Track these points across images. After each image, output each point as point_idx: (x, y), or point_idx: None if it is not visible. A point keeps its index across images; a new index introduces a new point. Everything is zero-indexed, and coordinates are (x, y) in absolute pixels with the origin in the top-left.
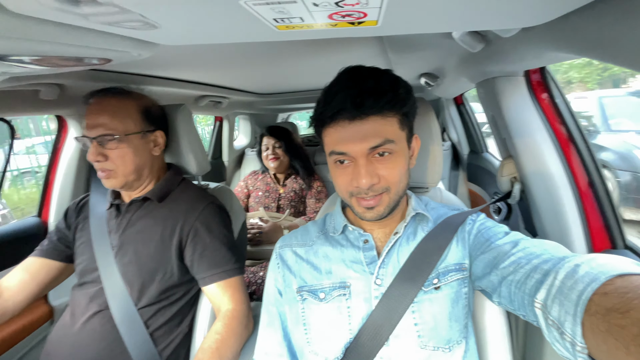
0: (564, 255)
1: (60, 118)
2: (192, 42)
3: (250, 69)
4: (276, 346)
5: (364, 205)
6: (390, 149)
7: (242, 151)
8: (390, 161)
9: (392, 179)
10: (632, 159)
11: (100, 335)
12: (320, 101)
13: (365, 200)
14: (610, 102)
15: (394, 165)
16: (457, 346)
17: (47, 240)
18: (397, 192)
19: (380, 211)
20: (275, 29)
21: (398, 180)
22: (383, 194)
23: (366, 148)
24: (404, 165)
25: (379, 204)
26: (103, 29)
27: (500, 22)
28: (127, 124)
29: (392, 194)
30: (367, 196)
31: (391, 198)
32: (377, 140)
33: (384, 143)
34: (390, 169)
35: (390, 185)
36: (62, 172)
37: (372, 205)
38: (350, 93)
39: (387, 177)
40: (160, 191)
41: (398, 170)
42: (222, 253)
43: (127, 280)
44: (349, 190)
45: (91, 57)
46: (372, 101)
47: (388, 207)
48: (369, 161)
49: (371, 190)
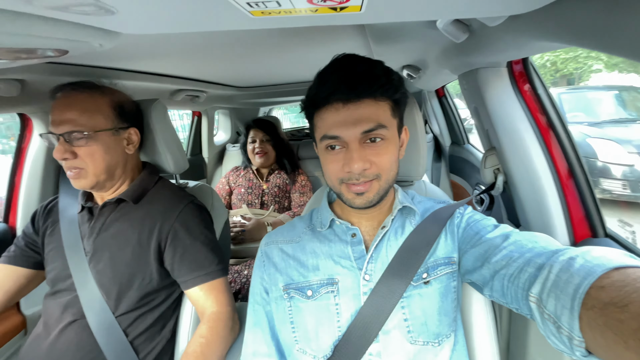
0: (556, 248)
1: (24, 116)
2: (157, 30)
3: (228, 61)
4: (263, 346)
5: (354, 190)
6: (383, 134)
7: (222, 147)
8: (382, 147)
9: (383, 165)
10: (586, 146)
11: (77, 345)
12: (314, 84)
13: (356, 186)
14: (568, 98)
15: (385, 151)
16: (446, 340)
17: (14, 247)
18: (387, 179)
19: (369, 197)
20: (249, 14)
21: (389, 167)
22: (373, 180)
23: (359, 132)
24: (394, 152)
25: (368, 190)
26: (52, 16)
27: (487, 9)
28: (97, 119)
29: (382, 182)
30: (358, 182)
31: (381, 186)
32: (370, 124)
33: (376, 128)
34: (382, 155)
35: (381, 172)
36: (27, 173)
37: (362, 191)
38: (345, 75)
39: (378, 163)
40: (135, 192)
41: (389, 157)
42: (203, 254)
43: (103, 287)
44: (340, 177)
45: (44, 49)
46: (366, 84)
47: (377, 195)
48: (361, 146)
49: (362, 176)
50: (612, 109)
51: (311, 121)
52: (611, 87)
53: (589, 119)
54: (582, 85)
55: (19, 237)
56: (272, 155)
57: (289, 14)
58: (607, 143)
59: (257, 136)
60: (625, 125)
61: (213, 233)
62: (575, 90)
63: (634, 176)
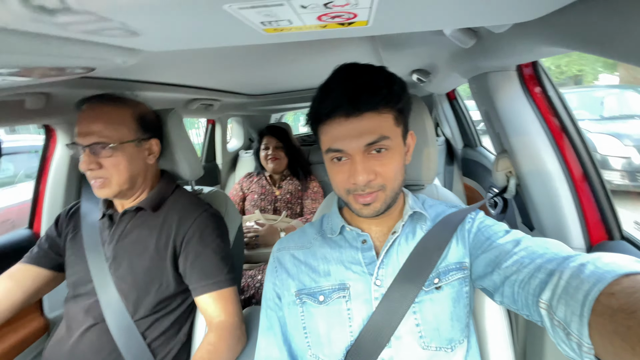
0: (567, 255)
1: (48, 127)
2: (176, 47)
3: (240, 71)
4: (276, 351)
5: (360, 202)
6: (386, 145)
7: (235, 153)
8: (386, 157)
9: (388, 175)
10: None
11: (97, 347)
12: (316, 98)
13: (362, 197)
14: (571, 97)
15: (389, 161)
16: (459, 346)
17: (37, 248)
18: (392, 188)
19: (376, 207)
20: (262, 32)
21: (393, 177)
22: (379, 191)
23: (362, 145)
24: (399, 161)
25: (375, 200)
26: (83, 38)
27: (492, 19)
28: (122, 131)
29: (388, 191)
30: (364, 193)
31: (387, 195)
32: (373, 136)
33: (379, 139)
34: (386, 165)
35: (386, 182)
36: (51, 182)
37: (369, 202)
38: (346, 90)
39: (383, 173)
40: (153, 200)
41: (394, 166)
42: (214, 263)
43: (122, 292)
44: (346, 188)
45: (74, 67)
46: (367, 97)
47: (384, 204)
48: (365, 158)
49: (368, 187)
50: (614, 106)
51: (316, 134)
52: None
53: (591, 117)
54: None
55: (41, 238)
56: (284, 162)
57: (299, 30)
58: (606, 138)
59: (270, 143)
60: (623, 121)
61: (226, 242)
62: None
63: (631, 167)
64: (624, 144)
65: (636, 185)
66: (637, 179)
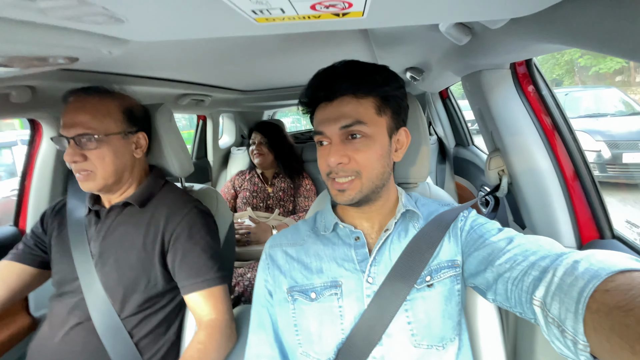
0: (561, 252)
1: (34, 121)
2: (165, 37)
3: (232, 66)
4: (267, 348)
5: (336, 187)
6: (362, 131)
7: (227, 150)
8: (362, 144)
9: (363, 162)
10: None
11: (82, 347)
12: (305, 87)
13: (338, 183)
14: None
15: (366, 148)
16: (451, 343)
17: (22, 245)
18: (369, 178)
19: (351, 195)
20: (254, 21)
21: (369, 165)
22: (355, 179)
23: (338, 127)
24: (378, 151)
25: (350, 188)
26: (65, 25)
27: (488, 13)
28: (108, 123)
29: (364, 180)
30: (339, 177)
31: (363, 184)
32: (348, 120)
33: (354, 124)
34: (362, 152)
35: (361, 169)
36: (37, 177)
37: (344, 189)
38: (326, 76)
39: (357, 159)
40: (141, 196)
41: (370, 154)
42: (202, 261)
43: (109, 290)
44: (326, 171)
45: (56, 56)
46: (342, 81)
47: (360, 193)
48: (342, 142)
49: (342, 170)
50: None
51: (312, 122)
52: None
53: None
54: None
55: (27, 235)
56: (269, 157)
57: (292, 20)
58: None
59: (256, 138)
60: (595, 118)
61: (215, 240)
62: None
63: (600, 160)
64: (595, 140)
65: (605, 176)
66: (606, 170)
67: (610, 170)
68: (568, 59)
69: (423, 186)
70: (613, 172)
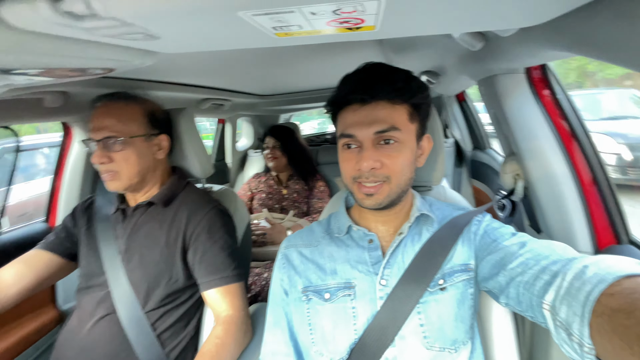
0: (572, 257)
1: (65, 125)
2: (192, 49)
3: (251, 72)
4: (283, 346)
5: (364, 191)
6: (396, 137)
7: (245, 153)
8: (395, 150)
9: (394, 167)
10: None
11: (108, 338)
12: (338, 87)
13: (366, 187)
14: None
15: (398, 154)
16: (463, 347)
17: (54, 235)
18: (398, 183)
19: (379, 200)
20: (274, 36)
21: (400, 171)
22: (384, 183)
23: (372, 132)
24: (408, 157)
25: (378, 192)
26: (106, 41)
27: (497, 23)
28: (132, 126)
29: (393, 185)
30: (368, 181)
31: (391, 189)
32: (384, 125)
33: (389, 129)
34: (394, 157)
35: (391, 175)
36: (68, 177)
37: (372, 193)
38: (364, 78)
39: (389, 165)
40: (165, 195)
41: (401, 160)
42: (221, 259)
43: (134, 284)
44: (352, 175)
45: (94, 68)
46: (381, 86)
47: (388, 198)
48: (374, 147)
49: (372, 175)
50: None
51: (335, 122)
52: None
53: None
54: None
55: (58, 227)
56: (282, 161)
57: (309, 34)
58: (601, 137)
59: (270, 142)
60: (617, 120)
61: (233, 239)
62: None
63: (621, 163)
64: (616, 142)
65: (626, 179)
66: (627, 172)
67: (631, 172)
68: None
69: (438, 189)
70: (634, 174)
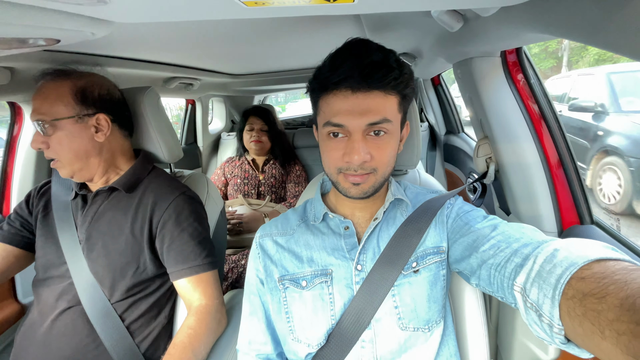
0: (543, 240)
1: (14, 105)
2: (149, 19)
3: (222, 49)
4: (260, 334)
5: (350, 180)
6: (387, 128)
7: (217, 136)
8: (384, 141)
9: (382, 159)
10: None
11: (73, 331)
12: (325, 66)
13: (353, 177)
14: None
15: (387, 146)
16: (436, 326)
17: (6, 225)
18: (383, 174)
19: (364, 189)
20: (242, 4)
21: (387, 162)
22: (370, 174)
23: (364, 123)
24: (395, 147)
25: (364, 182)
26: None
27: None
28: (58, 107)
29: (379, 176)
30: (356, 173)
31: (377, 179)
32: (377, 117)
33: (382, 121)
34: (383, 149)
35: (378, 167)
36: (21, 163)
37: (359, 182)
38: (359, 63)
39: (378, 157)
40: (128, 181)
41: (389, 151)
42: (190, 247)
43: (97, 275)
44: (338, 166)
45: (36, 38)
46: (380, 75)
47: (373, 187)
48: (364, 138)
49: (361, 167)
50: None
51: (316, 104)
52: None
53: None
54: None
55: (11, 215)
56: (267, 145)
57: (282, 4)
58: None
59: (256, 124)
60: None
61: (204, 226)
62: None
63: None
64: None
65: None
66: None
67: None
68: None
69: (413, 173)
70: None
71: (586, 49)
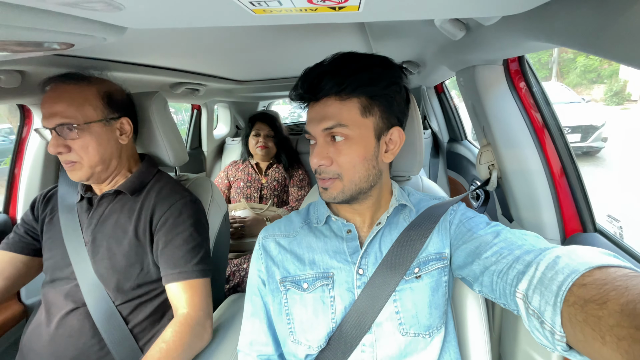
0: (545, 247)
1: (24, 107)
2: (162, 25)
3: (228, 55)
4: (261, 336)
5: (320, 185)
6: (344, 133)
7: (222, 140)
8: (343, 146)
9: (344, 165)
10: None
11: (79, 332)
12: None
13: (322, 181)
14: None
15: (347, 151)
16: (437, 332)
17: (13, 234)
18: (351, 180)
19: (332, 194)
20: (251, 12)
21: (350, 168)
22: (336, 179)
23: (320, 129)
24: (360, 153)
25: (331, 187)
26: (62, 11)
27: (481, 10)
28: (87, 111)
29: (345, 182)
30: (321, 176)
31: (344, 185)
32: (329, 122)
33: (334, 126)
34: (343, 154)
35: (342, 172)
36: (28, 164)
37: (326, 187)
38: (311, 76)
39: (338, 161)
40: (133, 184)
41: (352, 157)
42: (181, 252)
43: (102, 277)
44: (314, 169)
45: (51, 42)
46: (326, 82)
47: (342, 194)
48: (326, 143)
49: (323, 172)
50: None
51: None
52: None
53: None
54: None
55: (18, 224)
56: (272, 151)
57: (289, 13)
58: None
59: (263, 130)
60: None
61: (200, 232)
62: None
63: None
64: None
65: None
66: None
67: None
68: None
69: (416, 180)
70: None
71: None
